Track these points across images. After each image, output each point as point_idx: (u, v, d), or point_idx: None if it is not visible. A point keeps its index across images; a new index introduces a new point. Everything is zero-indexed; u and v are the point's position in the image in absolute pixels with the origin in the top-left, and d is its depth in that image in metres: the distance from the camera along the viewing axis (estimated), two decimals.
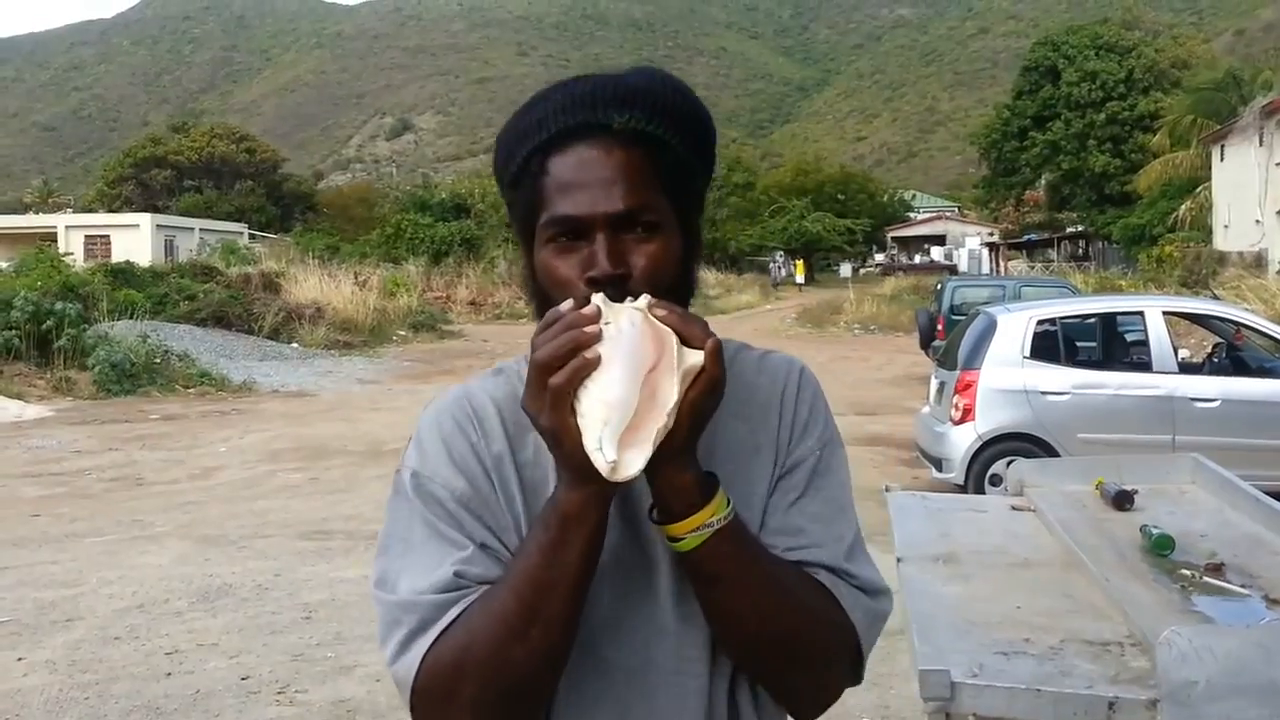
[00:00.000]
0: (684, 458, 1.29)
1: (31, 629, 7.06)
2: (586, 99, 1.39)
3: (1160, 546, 3.45)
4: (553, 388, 1.23)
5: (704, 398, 1.26)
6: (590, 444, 1.21)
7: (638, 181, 1.36)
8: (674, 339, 1.25)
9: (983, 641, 2.83)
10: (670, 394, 1.23)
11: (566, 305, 1.28)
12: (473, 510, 1.40)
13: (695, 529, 1.31)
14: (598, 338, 1.24)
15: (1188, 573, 3.29)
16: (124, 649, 6.64)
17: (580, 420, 1.22)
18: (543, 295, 1.40)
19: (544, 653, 1.31)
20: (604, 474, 1.21)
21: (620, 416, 1.21)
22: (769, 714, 1.49)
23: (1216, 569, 3.28)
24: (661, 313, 1.27)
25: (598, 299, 1.28)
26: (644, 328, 1.25)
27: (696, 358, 1.25)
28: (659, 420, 1.23)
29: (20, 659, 6.51)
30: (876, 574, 1.49)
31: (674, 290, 1.37)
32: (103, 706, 5.74)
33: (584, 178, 1.36)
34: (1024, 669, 2.67)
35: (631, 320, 1.26)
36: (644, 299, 1.28)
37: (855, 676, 1.48)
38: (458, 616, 1.33)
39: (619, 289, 1.32)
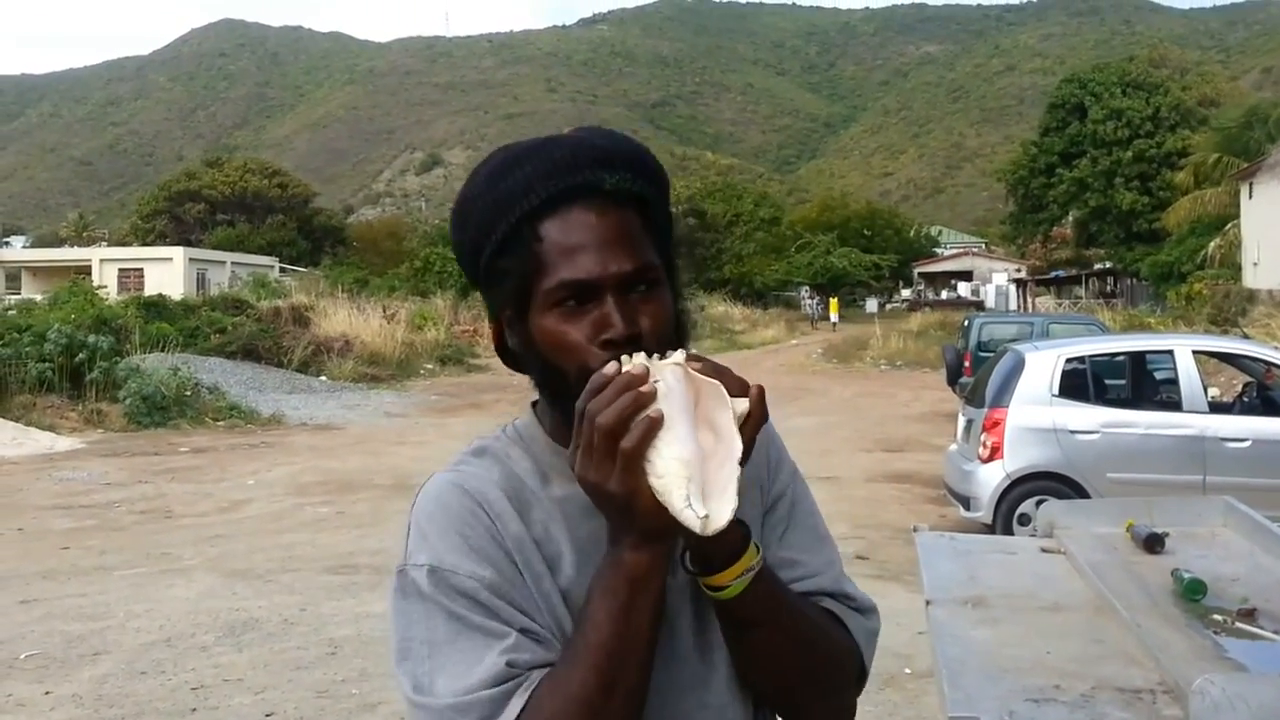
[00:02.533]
0: None
1: (59, 662, 7.06)
2: (568, 162, 1.37)
3: (1192, 591, 3.40)
4: (624, 452, 1.20)
5: (752, 442, 1.27)
6: (678, 503, 1.20)
7: (637, 241, 1.37)
8: (718, 388, 1.26)
9: (1013, 688, 2.79)
10: (733, 440, 1.24)
11: (611, 368, 1.25)
12: (505, 597, 1.34)
13: (739, 575, 1.32)
14: (654, 396, 1.23)
15: (1220, 618, 3.24)
16: (150, 684, 6.63)
17: (657, 481, 1.21)
18: (543, 363, 1.38)
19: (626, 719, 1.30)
20: (696, 530, 1.20)
21: (699, 472, 1.21)
22: None
23: (1249, 614, 3.23)
24: (697, 365, 1.27)
25: (640, 358, 1.26)
26: (687, 382, 1.26)
27: (743, 404, 1.26)
28: (725, 468, 1.23)
29: (47, 692, 6.51)
30: (864, 592, 1.55)
31: (674, 342, 1.37)
32: None
33: (586, 240, 1.35)
34: (1055, 716, 2.63)
35: (676, 376, 1.25)
36: (680, 354, 1.28)
37: (857, 694, 1.53)
38: (525, 706, 1.27)
39: (633, 349, 1.30)
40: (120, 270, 54.94)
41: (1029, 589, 3.71)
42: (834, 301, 57.30)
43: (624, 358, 1.27)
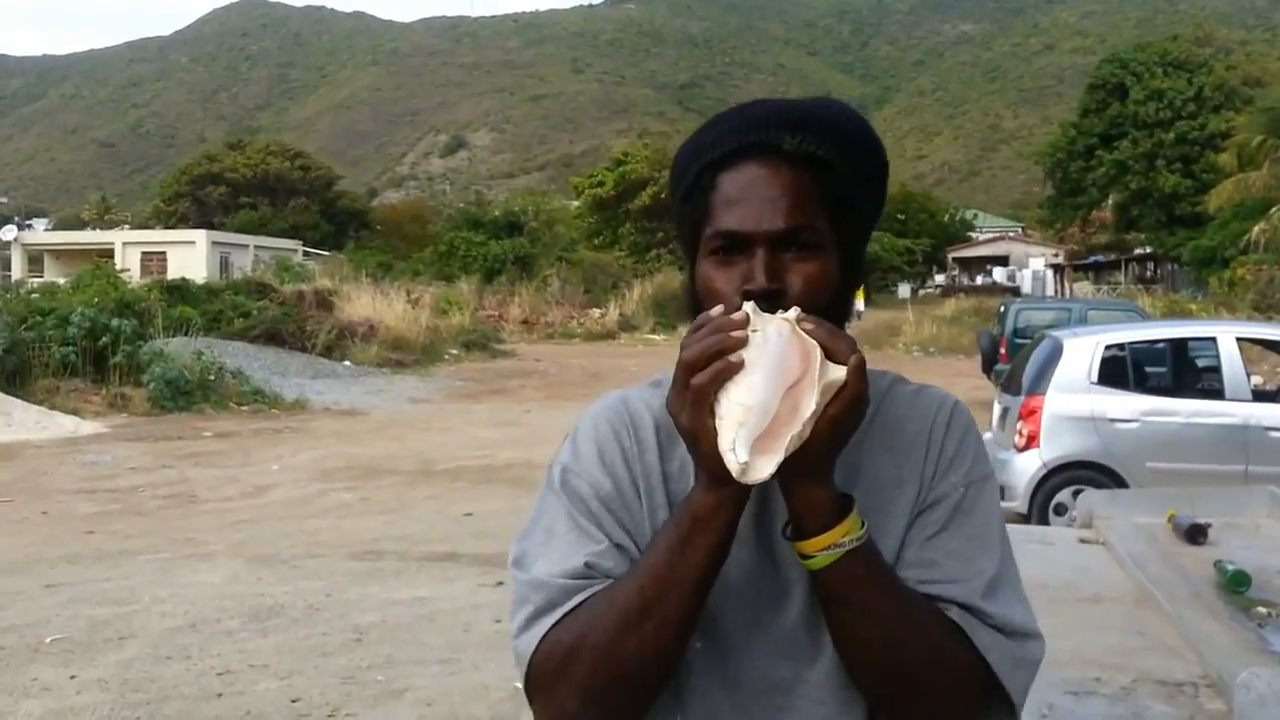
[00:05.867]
0: (820, 474, 1.33)
1: (84, 647, 7.13)
2: (761, 120, 1.46)
3: (1236, 583, 3.40)
4: (694, 387, 1.28)
5: (845, 413, 1.29)
6: (724, 444, 1.25)
7: (801, 202, 1.42)
8: (819, 352, 1.28)
9: (1052, 681, 2.79)
10: (809, 406, 1.26)
11: (717, 310, 1.33)
12: (613, 511, 1.47)
13: (827, 548, 1.33)
14: (744, 342, 1.28)
15: (1265, 610, 3.24)
16: (176, 669, 6.69)
17: (718, 422, 1.26)
18: (698, 305, 1.44)
19: (655, 648, 1.35)
20: (734, 474, 1.24)
21: (757, 421, 1.25)
22: None
23: None
24: (809, 326, 1.30)
25: (748, 306, 1.32)
26: (791, 339, 1.29)
27: (840, 373, 1.28)
28: (794, 428, 1.25)
29: (73, 677, 6.57)
30: (1023, 615, 1.44)
31: (827, 313, 1.39)
32: None
33: (750, 195, 1.42)
34: (1095, 710, 2.63)
35: (779, 330, 1.29)
36: (794, 311, 1.32)
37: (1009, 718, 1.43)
38: (582, 602, 1.39)
39: (773, 305, 1.35)
40: (143, 253, 55.32)
41: (1068, 580, 3.72)
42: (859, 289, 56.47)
43: (745, 305, 1.32)
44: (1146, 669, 2.90)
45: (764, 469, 1.24)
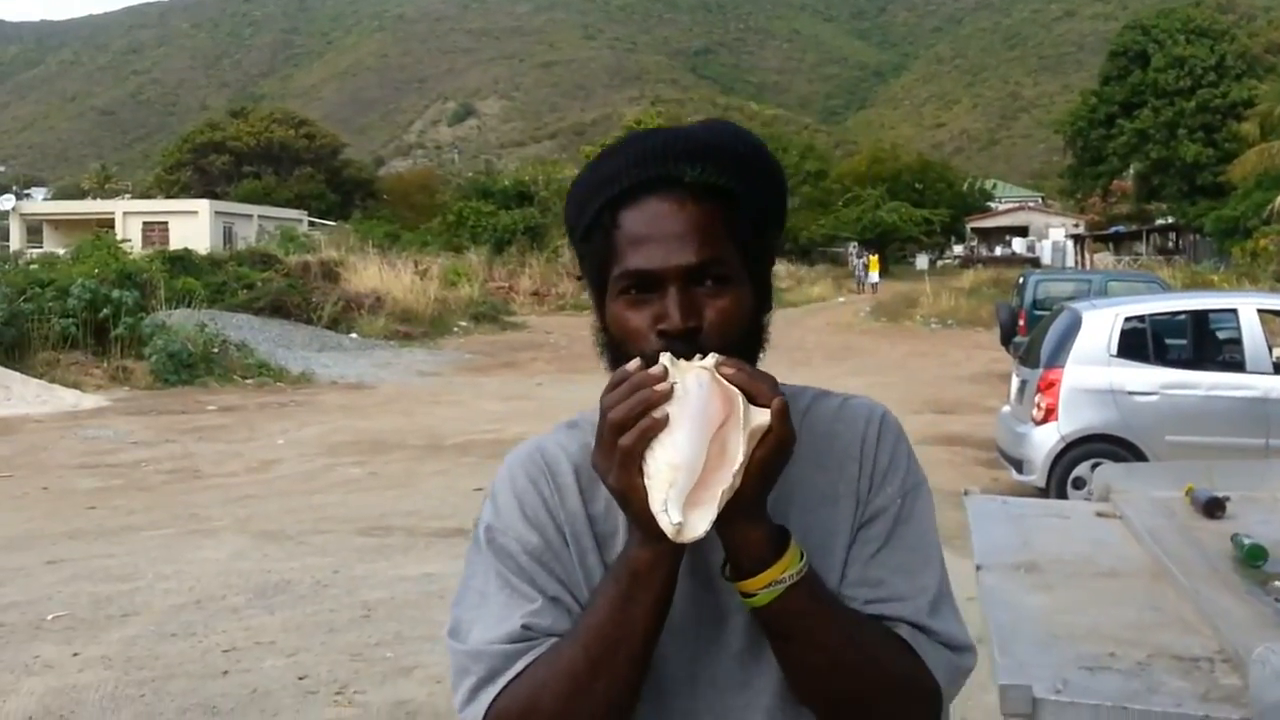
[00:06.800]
0: (754, 515, 1.34)
1: (87, 624, 7.19)
2: (658, 152, 1.44)
3: (1253, 557, 3.41)
4: (622, 449, 1.28)
5: (771, 456, 1.30)
6: (656, 505, 1.26)
7: (709, 235, 1.41)
8: (741, 399, 1.29)
9: (1066, 655, 2.81)
10: (737, 454, 1.28)
11: (634, 365, 1.33)
12: (544, 564, 1.47)
13: (767, 585, 1.35)
14: (667, 396, 1.28)
15: None
16: (180, 646, 6.75)
17: (647, 481, 1.28)
18: (614, 345, 1.46)
19: (609, 704, 1.37)
20: (669, 535, 1.26)
21: (686, 478, 1.26)
22: None
23: None
24: (729, 371, 1.31)
25: (664, 359, 1.32)
26: (711, 387, 1.30)
27: (764, 417, 1.29)
28: (725, 481, 1.27)
29: (75, 654, 6.63)
30: (961, 628, 1.50)
31: (744, 343, 1.42)
32: (158, 704, 5.83)
33: (656, 231, 1.41)
34: (1110, 685, 2.65)
35: (699, 380, 1.30)
36: (712, 358, 1.33)
37: None
38: (526, 668, 1.39)
39: (690, 342, 1.37)
40: (144, 224, 55.40)
41: (1084, 554, 3.73)
42: (874, 259, 55.83)
43: (662, 356, 1.33)
44: (1162, 644, 2.92)
45: (699, 526, 1.26)
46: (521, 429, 14.33)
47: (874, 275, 53.36)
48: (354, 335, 27.75)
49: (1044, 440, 9.85)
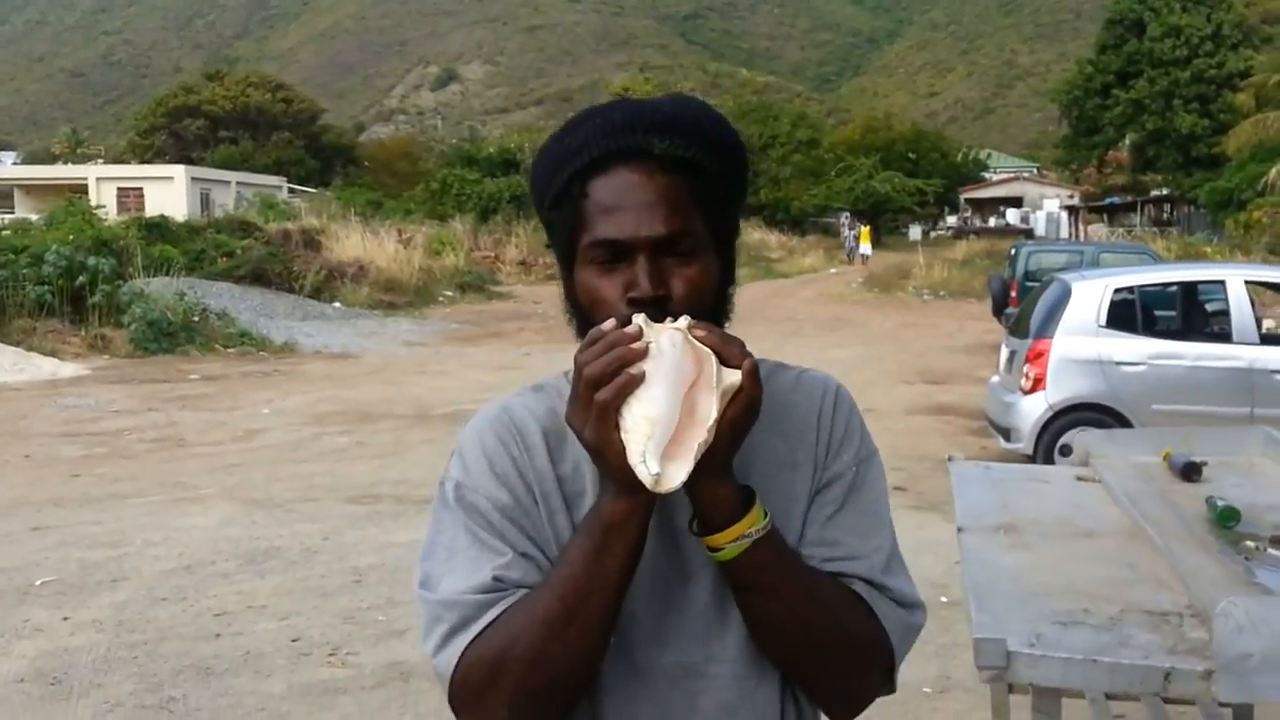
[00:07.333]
0: (722, 472, 1.44)
1: (76, 589, 7.34)
2: (626, 124, 1.52)
3: (1226, 518, 3.58)
4: (599, 403, 1.36)
5: (741, 415, 1.40)
6: (634, 458, 1.35)
7: (678, 206, 1.50)
8: (713, 358, 1.38)
9: (1041, 611, 2.97)
10: (710, 411, 1.37)
11: (609, 324, 1.41)
12: (514, 521, 1.55)
13: (734, 539, 1.45)
14: (643, 354, 1.37)
15: (1252, 544, 3.42)
16: (171, 610, 6.91)
17: (625, 435, 1.36)
18: (582, 314, 1.54)
19: (581, 652, 1.46)
20: (648, 485, 1.35)
21: (663, 431, 1.35)
22: (810, 716, 1.64)
23: None
24: (701, 333, 1.40)
25: (639, 319, 1.40)
26: (684, 347, 1.38)
27: (734, 377, 1.38)
28: (699, 435, 1.36)
29: (66, 618, 6.78)
30: (911, 587, 1.62)
31: (711, 312, 1.51)
32: (151, 665, 6.00)
33: (626, 201, 1.49)
34: (1081, 639, 2.82)
35: (672, 340, 1.39)
36: (684, 320, 1.41)
37: (888, 685, 1.62)
38: (498, 616, 1.48)
39: (659, 310, 1.45)
40: (119, 189, 54.87)
41: (1062, 516, 3.91)
42: (865, 230, 55.11)
43: (636, 316, 1.41)
44: (1134, 600, 3.07)
45: (676, 476, 1.35)
46: None
47: (865, 247, 52.48)
48: (337, 305, 27.81)
49: (1032, 409, 10.04)
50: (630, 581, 1.47)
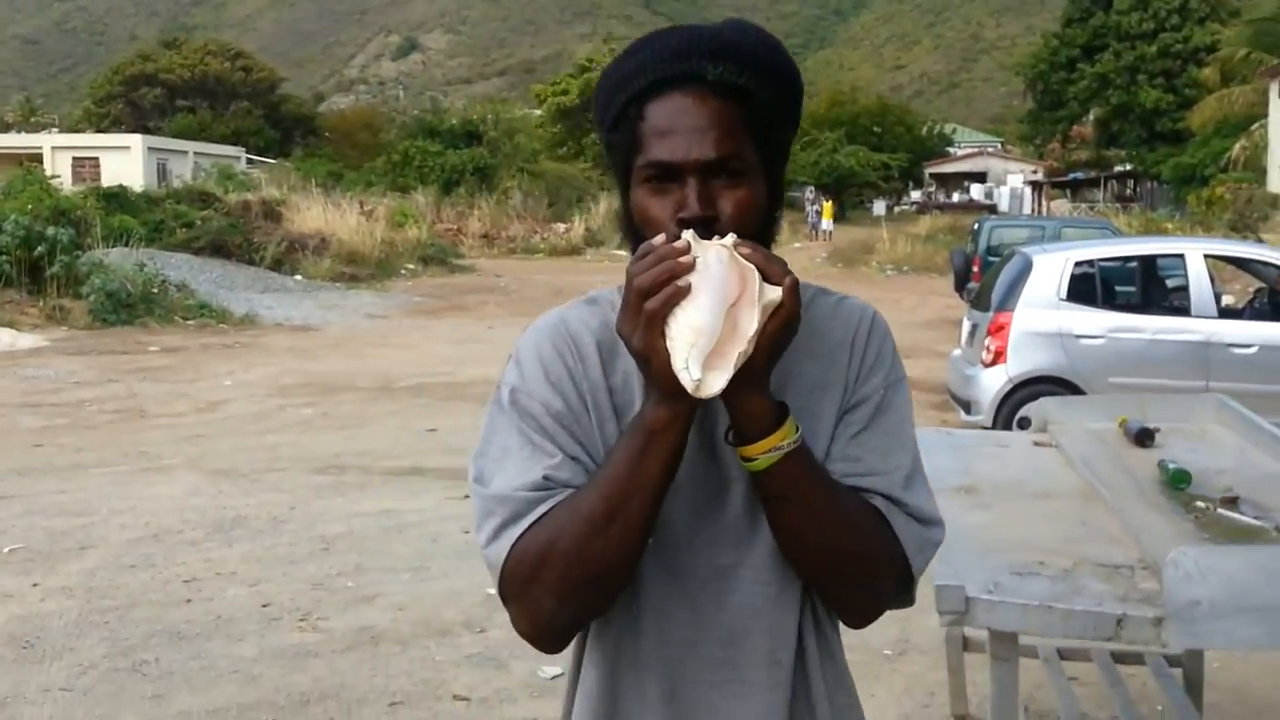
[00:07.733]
0: (759, 386, 1.53)
1: (44, 556, 7.41)
2: (682, 50, 1.60)
3: (1177, 480, 3.74)
4: (648, 312, 1.46)
5: (781, 330, 1.49)
6: (678, 364, 1.44)
7: (728, 130, 1.58)
8: (756, 275, 1.47)
9: (999, 564, 3.13)
10: (751, 325, 1.46)
11: (659, 239, 1.50)
12: (565, 426, 1.65)
13: (767, 451, 1.55)
14: (690, 268, 1.46)
15: (1203, 505, 3.58)
16: (141, 576, 6.99)
17: (669, 343, 1.45)
18: (636, 232, 1.63)
19: (621, 548, 1.56)
20: (689, 391, 1.45)
21: (706, 341, 1.44)
22: (828, 624, 1.75)
23: (1232, 501, 3.57)
24: (746, 250, 1.48)
25: (688, 234, 1.49)
26: (729, 263, 1.47)
27: (776, 293, 1.47)
28: (740, 346, 1.45)
29: (35, 584, 6.86)
30: (931, 505, 1.71)
31: (757, 235, 1.57)
32: (123, 630, 6.09)
33: (679, 125, 1.58)
34: (1037, 587, 2.97)
35: (719, 256, 1.47)
36: (730, 237, 1.50)
37: (906, 597, 1.73)
38: (546, 512, 1.58)
39: (707, 230, 1.53)
40: (74, 159, 54.49)
41: (1020, 479, 4.07)
42: (828, 205, 54.25)
43: (685, 233, 1.50)
44: (1087, 554, 3.22)
45: (716, 384, 1.44)
46: (475, 372, 14.54)
47: (827, 223, 52.06)
48: (298, 277, 27.70)
49: (992, 382, 10.19)
50: (669, 485, 1.57)
